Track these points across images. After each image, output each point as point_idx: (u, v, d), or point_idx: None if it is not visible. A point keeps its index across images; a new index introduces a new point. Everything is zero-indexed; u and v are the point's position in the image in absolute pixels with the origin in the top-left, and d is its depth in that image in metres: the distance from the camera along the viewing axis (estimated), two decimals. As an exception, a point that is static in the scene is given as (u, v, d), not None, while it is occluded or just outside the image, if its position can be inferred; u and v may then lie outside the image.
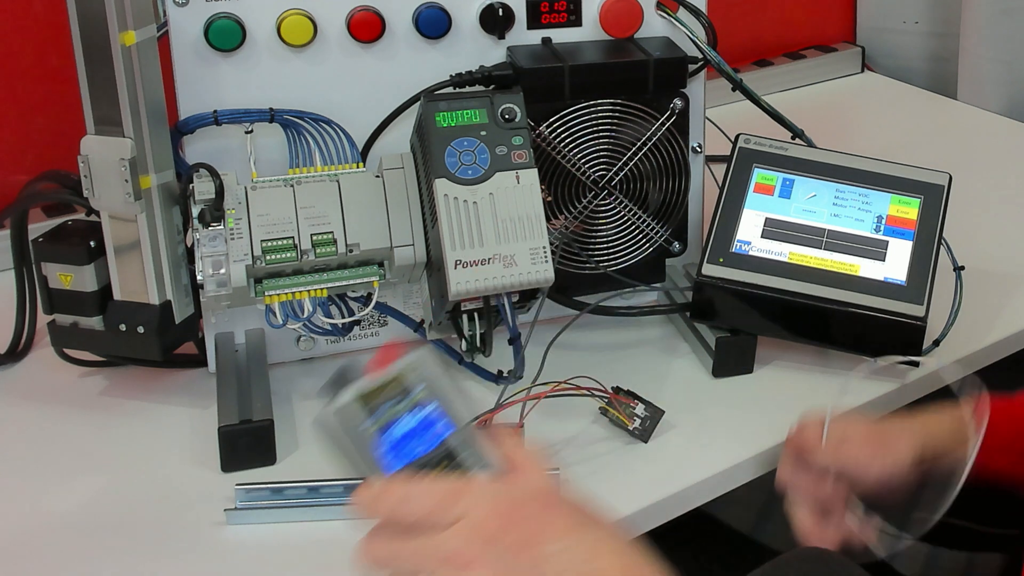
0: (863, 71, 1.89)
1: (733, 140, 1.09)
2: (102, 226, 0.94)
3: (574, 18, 1.04)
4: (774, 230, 1.04)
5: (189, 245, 0.96)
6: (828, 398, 0.90)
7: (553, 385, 0.92)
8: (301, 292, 0.93)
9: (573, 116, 1.02)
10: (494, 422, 0.89)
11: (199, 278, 0.90)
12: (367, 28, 0.98)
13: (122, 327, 0.95)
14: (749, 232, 1.04)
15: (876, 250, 1.03)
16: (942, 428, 0.88)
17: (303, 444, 0.96)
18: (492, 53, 1.02)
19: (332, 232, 0.93)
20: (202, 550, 0.85)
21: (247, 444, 0.93)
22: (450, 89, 1.00)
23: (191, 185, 0.91)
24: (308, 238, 0.92)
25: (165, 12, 0.94)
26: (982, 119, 1.70)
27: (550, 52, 1.02)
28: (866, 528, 0.84)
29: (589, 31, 1.05)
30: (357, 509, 0.64)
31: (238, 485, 0.88)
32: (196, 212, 0.91)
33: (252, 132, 0.97)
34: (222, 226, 0.91)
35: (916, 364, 1.01)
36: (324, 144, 0.98)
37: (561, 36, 1.04)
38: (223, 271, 0.90)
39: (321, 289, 0.94)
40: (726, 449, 0.94)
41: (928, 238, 1.03)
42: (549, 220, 0.95)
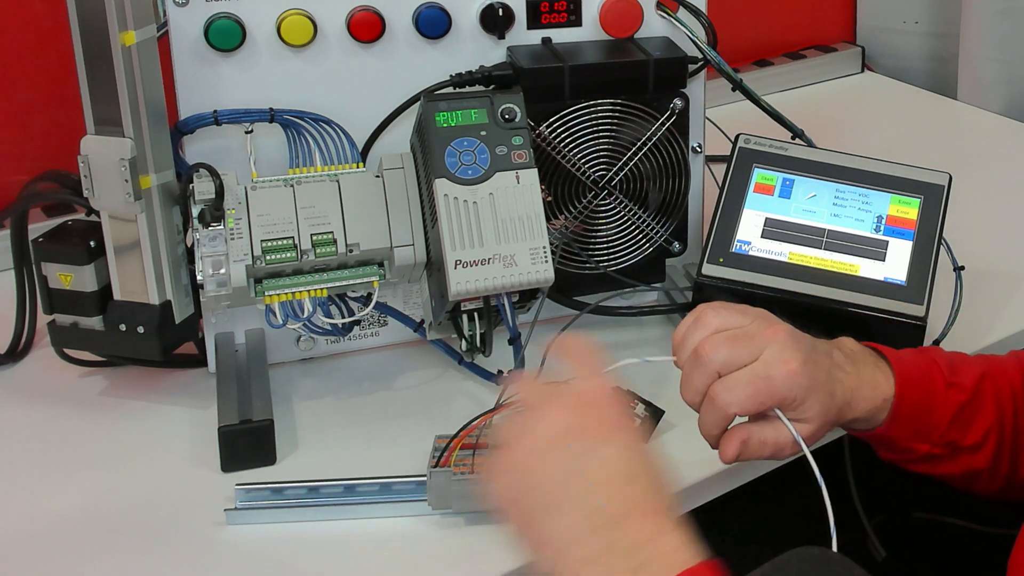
0: (863, 71, 1.89)
1: (733, 140, 1.09)
2: (102, 226, 0.94)
3: (574, 18, 1.04)
4: (774, 230, 1.04)
5: (189, 245, 0.96)
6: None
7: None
8: (301, 292, 0.93)
9: (573, 116, 1.02)
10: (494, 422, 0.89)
11: (199, 278, 0.90)
12: (367, 28, 0.98)
13: (122, 327, 0.95)
14: (749, 232, 1.04)
15: (876, 250, 1.03)
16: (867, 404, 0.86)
17: (303, 444, 0.96)
18: (492, 53, 1.02)
19: (332, 232, 0.93)
20: (202, 550, 0.85)
21: (247, 444, 0.92)
22: (450, 89, 1.00)
23: (191, 185, 0.91)
24: (308, 238, 0.92)
25: (165, 12, 0.94)
26: (982, 119, 1.70)
27: (550, 52, 1.02)
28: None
29: (589, 31, 1.05)
30: None
31: (238, 485, 0.88)
32: (196, 212, 0.91)
33: (252, 132, 0.97)
34: (222, 226, 0.91)
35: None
36: (324, 144, 0.98)
37: (561, 36, 1.04)
38: (223, 271, 0.90)
39: (321, 289, 0.94)
40: (726, 449, 0.94)
41: (928, 238, 1.03)
42: (549, 220, 0.95)
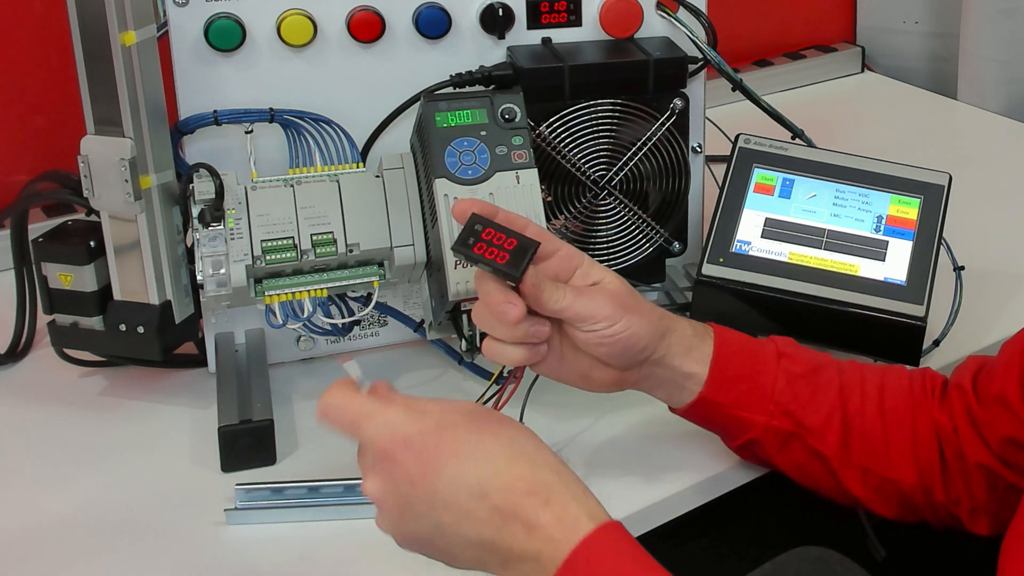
0: (863, 71, 1.89)
1: (733, 140, 1.09)
2: (102, 226, 0.94)
3: (574, 18, 1.04)
4: (774, 230, 1.04)
5: (189, 245, 0.96)
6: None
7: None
8: (301, 292, 0.93)
9: (573, 116, 1.02)
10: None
11: (199, 278, 0.90)
12: (367, 28, 0.98)
13: (122, 327, 0.96)
14: (749, 232, 1.04)
15: (876, 250, 1.03)
16: (688, 329, 0.85)
17: (303, 444, 0.96)
18: (492, 53, 1.02)
19: (332, 232, 0.93)
20: (202, 550, 0.85)
21: (247, 444, 0.92)
22: (450, 89, 1.00)
23: (191, 185, 0.91)
24: (308, 238, 0.92)
25: (165, 12, 0.94)
26: (982, 119, 1.70)
27: (550, 52, 1.02)
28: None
29: (589, 31, 1.05)
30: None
31: (238, 485, 0.88)
32: (196, 212, 0.91)
33: (252, 132, 0.97)
34: (222, 226, 0.91)
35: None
36: (324, 144, 0.98)
37: (561, 36, 1.04)
38: (223, 271, 0.90)
39: (321, 289, 0.94)
40: (727, 449, 0.94)
41: (928, 238, 1.03)
42: (549, 220, 0.95)
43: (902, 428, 0.86)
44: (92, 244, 0.96)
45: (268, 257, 0.91)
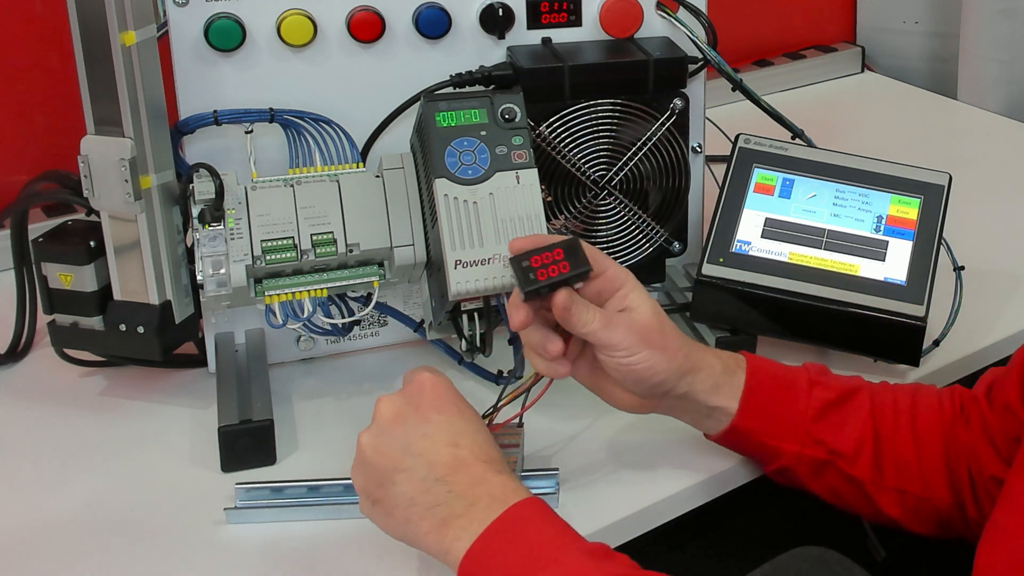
0: (863, 71, 1.89)
1: (733, 140, 1.09)
2: (102, 226, 0.94)
3: (574, 18, 1.04)
4: (774, 230, 1.04)
5: (189, 245, 0.96)
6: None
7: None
8: (301, 292, 0.93)
9: (573, 116, 1.02)
10: (495, 421, 0.89)
11: (199, 278, 0.90)
12: (367, 28, 0.98)
13: (122, 327, 0.96)
14: (749, 232, 1.04)
15: (876, 250, 1.03)
16: (717, 366, 0.86)
17: (303, 444, 0.96)
18: (492, 53, 1.02)
19: (332, 232, 0.93)
20: (202, 550, 0.85)
21: (247, 444, 0.92)
22: (450, 89, 1.00)
23: (191, 185, 0.91)
24: (308, 238, 0.92)
25: (165, 12, 0.94)
26: (982, 119, 1.70)
27: (550, 52, 1.02)
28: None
29: (589, 31, 1.05)
30: None
31: (238, 484, 0.88)
32: (196, 212, 0.91)
33: (252, 132, 0.97)
34: (222, 226, 0.91)
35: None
36: (324, 144, 0.98)
37: (561, 36, 1.04)
38: (223, 271, 0.90)
39: (321, 289, 0.94)
40: (727, 450, 0.94)
41: (928, 238, 1.03)
42: (549, 220, 0.95)
43: (934, 449, 0.88)
44: (92, 244, 0.96)
45: (268, 257, 0.91)
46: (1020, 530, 0.71)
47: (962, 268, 1.09)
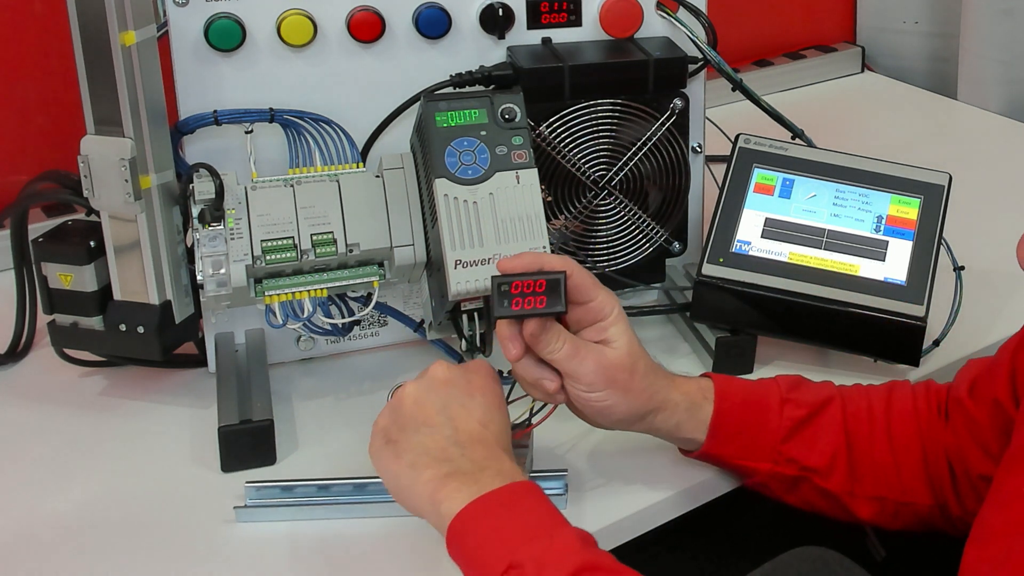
0: (863, 71, 1.89)
1: (733, 140, 1.09)
2: (102, 226, 0.94)
3: (574, 18, 1.04)
4: (774, 230, 1.04)
5: (189, 245, 0.96)
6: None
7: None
8: (301, 292, 0.93)
9: (573, 116, 1.02)
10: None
11: (199, 278, 0.90)
12: (367, 28, 0.98)
13: (122, 327, 0.96)
14: (749, 232, 1.04)
15: (876, 250, 1.03)
16: (681, 404, 0.87)
17: (303, 444, 0.96)
18: (492, 53, 1.02)
19: (332, 232, 0.93)
20: (202, 550, 0.85)
21: (247, 444, 0.92)
22: (450, 89, 1.00)
23: (191, 185, 0.91)
24: (308, 238, 0.92)
25: (165, 12, 0.94)
26: (982, 119, 1.70)
27: (550, 52, 1.02)
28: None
29: (589, 31, 1.05)
30: None
31: (248, 483, 0.88)
32: (196, 212, 0.91)
33: (252, 132, 0.97)
34: (222, 226, 0.91)
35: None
36: (324, 144, 0.98)
37: (561, 36, 1.04)
38: (223, 271, 0.90)
39: (321, 289, 0.94)
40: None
41: (928, 238, 1.03)
42: (549, 220, 0.95)
43: (912, 453, 0.88)
44: (92, 244, 0.96)
45: (268, 257, 0.91)
46: (1009, 528, 0.71)
47: (962, 268, 1.09)
